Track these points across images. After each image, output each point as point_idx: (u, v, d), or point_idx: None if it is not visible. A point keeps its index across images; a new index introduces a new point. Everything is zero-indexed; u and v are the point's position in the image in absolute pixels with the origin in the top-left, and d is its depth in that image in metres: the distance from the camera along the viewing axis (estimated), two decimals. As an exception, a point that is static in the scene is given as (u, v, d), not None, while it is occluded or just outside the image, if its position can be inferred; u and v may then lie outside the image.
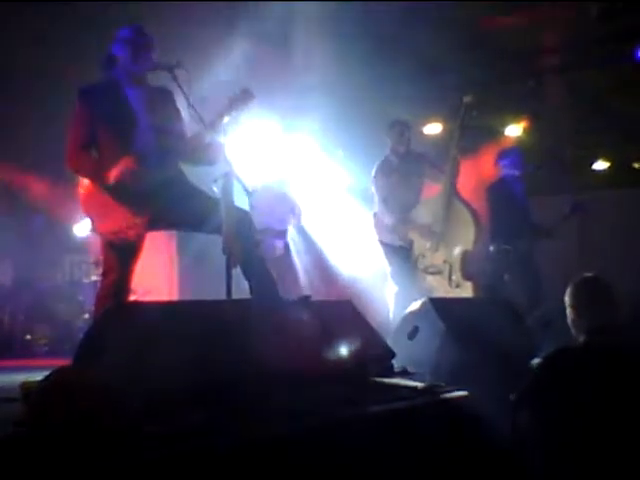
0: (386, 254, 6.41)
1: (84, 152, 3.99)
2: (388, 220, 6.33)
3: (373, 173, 6.46)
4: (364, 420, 2.99)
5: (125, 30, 4.09)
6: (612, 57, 7.78)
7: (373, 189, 6.46)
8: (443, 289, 6.14)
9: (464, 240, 6.19)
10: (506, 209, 6.83)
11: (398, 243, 6.34)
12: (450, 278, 6.18)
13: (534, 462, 3.02)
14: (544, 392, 3.11)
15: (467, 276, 6.16)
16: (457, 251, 6.19)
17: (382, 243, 6.43)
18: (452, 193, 6.18)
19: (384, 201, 6.34)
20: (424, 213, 6.28)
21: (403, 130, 6.49)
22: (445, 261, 6.18)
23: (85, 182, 3.99)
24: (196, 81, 4.02)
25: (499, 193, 6.98)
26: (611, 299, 3.29)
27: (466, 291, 6.15)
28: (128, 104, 4.04)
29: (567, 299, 3.38)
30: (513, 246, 6.75)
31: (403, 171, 6.39)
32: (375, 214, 6.48)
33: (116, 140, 3.97)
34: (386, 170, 6.43)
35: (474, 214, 6.20)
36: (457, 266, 6.19)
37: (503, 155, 7.26)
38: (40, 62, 6.76)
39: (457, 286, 6.15)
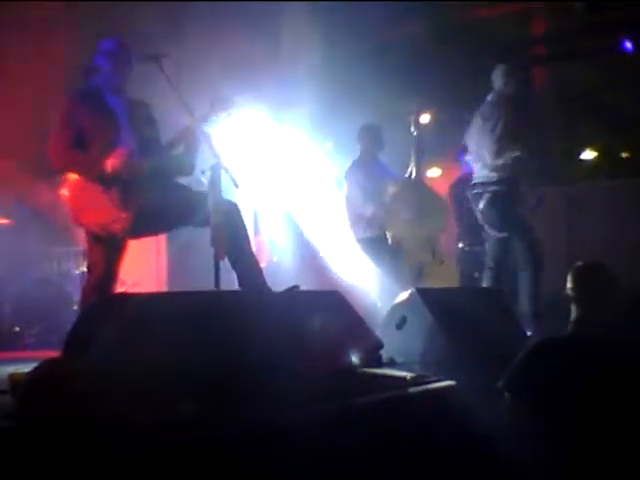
0: (367, 249, 6.50)
1: (72, 150, 4.07)
2: (369, 210, 6.42)
3: (348, 170, 6.65)
4: (352, 411, 3.00)
5: (107, 43, 4.25)
6: (599, 49, 7.82)
7: (348, 186, 6.59)
8: (430, 266, 6.31)
9: (439, 219, 6.58)
10: (466, 207, 6.90)
11: (376, 234, 6.43)
12: (434, 255, 6.35)
13: (520, 449, 3.04)
14: (529, 380, 3.12)
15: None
16: (435, 229, 6.50)
17: (361, 240, 6.52)
18: (421, 181, 6.60)
19: (364, 193, 6.47)
20: (395, 202, 6.48)
21: (376, 133, 6.66)
22: (427, 239, 6.36)
23: (70, 180, 4.04)
24: (184, 73, 4.04)
25: (462, 193, 7.04)
26: (606, 290, 3.24)
27: (451, 266, 6.37)
28: (111, 108, 4.19)
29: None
30: (481, 245, 6.83)
31: (376, 172, 6.57)
32: (350, 210, 6.59)
33: (102, 140, 4.06)
34: (363, 167, 6.66)
35: (441, 198, 6.75)
36: (438, 243, 6.47)
37: (464, 151, 7.35)
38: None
39: (442, 262, 6.34)
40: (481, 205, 5.76)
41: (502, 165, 5.65)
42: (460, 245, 6.99)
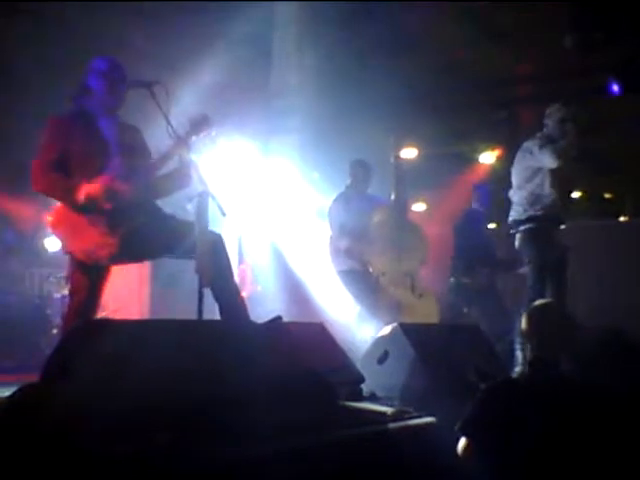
0: (345, 282, 6.51)
1: (52, 173, 3.96)
2: (344, 243, 6.44)
3: (331, 204, 6.66)
4: (332, 444, 2.98)
5: (100, 62, 4.13)
6: (586, 90, 7.91)
7: (329, 220, 6.64)
8: (409, 301, 6.30)
9: (419, 252, 6.57)
10: (469, 243, 6.97)
11: (356, 267, 6.45)
12: (413, 289, 6.37)
13: None
14: (484, 422, 3.12)
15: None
16: (414, 263, 6.50)
17: (340, 272, 6.54)
18: (403, 213, 6.62)
19: (341, 226, 6.49)
20: (376, 233, 6.50)
21: (367, 170, 6.71)
22: (406, 274, 6.37)
23: (56, 205, 3.97)
24: (173, 101, 4.04)
25: (463, 227, 7.12)
26: (559, 331, 3.23)
27: (430, 300, 6.39)
28: (100, 132, 4.08)
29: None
30: (473, 279, 6.87)
31: (361, 206, 6.60)
32: (331, 243, 6.61)
33: (87, 166, 3.96)
34: (345, 201, 6.68)
35: (422, 232, 6.71)
36: (417, 277, 6.48)
37: (480, 186, 7.43)
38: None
39: (421, 296, 6.36)
40: (516, 243, 5.71)
41: (527, 200, 5.61)
42: (451, 279, 7.03)
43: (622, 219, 11.26)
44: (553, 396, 3.08)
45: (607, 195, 12.16)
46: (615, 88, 7.17)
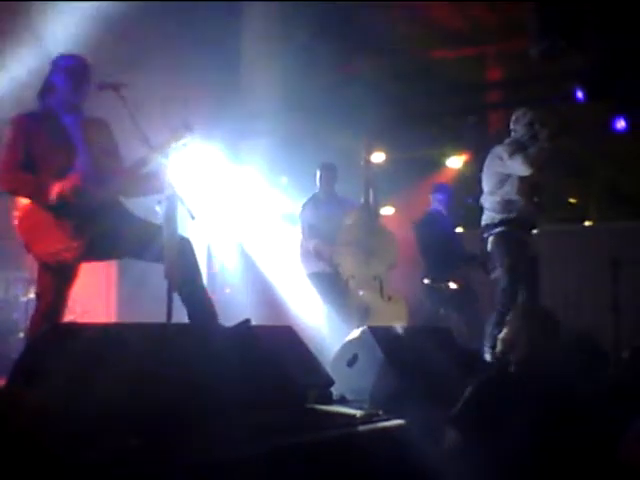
0: (315, 284, 6.53)
1: (21, 171, 3.91)
2: (313, 244, 6.46)
3: (301, 207, 6.68)
4: (301, 448, 2.98)
5: (66, 59, 4.08)
6: (553, 96, 8.00)
7: (300, 223, 6.67)
8: (377, 304, 6.32)
9: (388, 255, 6.57)
10: (437, 243, 6.99)
11: (326, 270, 6.47)
12: (382, 292, 6.40)
13: None
14: (475, 416, 3.24)
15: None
16: (383, 267, 6.52)
17: (311, 275, 6.55)
18: (374, 217, 6.61)
19: (310, 227, 6.52)
20: (346, 236, 6.52)
21: (333, 172, 6.76)
22: (375, 277, 6.39)
23: (22, 204, 3.92)
24: (141, 104, 4.00)
25: (429, 227, 7.15)
26: (545, 330, 3.40)
27: (399, 303, 6.41)
28: (65, 131, 4.02)
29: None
30: (447, 279, 6.91)
31: (330, 209, 6.63)
32: (301, 246, 6.63)
33: (54, 164, 3.92)
34: (314, 205, 6.74)
35: (392, 235, 6.71)
36: (386, 280, 6.50)
37: (439, 189, 7.45)
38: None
39: (389, 299, 6.39)
40: (488, 247, 5.75)
41: (500, 205, 5.66)
42: (425, 281, 7.05)
43: (587, 223, 11.45)
44: (539, 395, 3.20)
45: (571, 199, 12.32)
46: (580, 95, 7.26)
